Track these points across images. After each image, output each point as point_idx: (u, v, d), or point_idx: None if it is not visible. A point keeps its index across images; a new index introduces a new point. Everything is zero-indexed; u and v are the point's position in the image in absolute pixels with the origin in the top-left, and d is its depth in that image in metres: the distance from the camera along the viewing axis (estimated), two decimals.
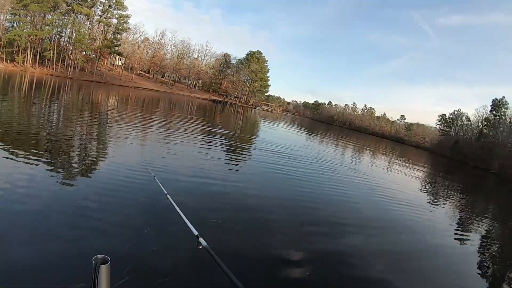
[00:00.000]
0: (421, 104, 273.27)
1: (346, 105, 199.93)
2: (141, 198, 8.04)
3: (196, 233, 2.80)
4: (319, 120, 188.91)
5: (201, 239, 2.67)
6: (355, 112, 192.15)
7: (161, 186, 4.86)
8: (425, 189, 22.32)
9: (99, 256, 1.75)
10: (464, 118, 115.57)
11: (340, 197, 13.06)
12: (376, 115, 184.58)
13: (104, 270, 1.73)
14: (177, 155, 14.55)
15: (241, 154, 19.10)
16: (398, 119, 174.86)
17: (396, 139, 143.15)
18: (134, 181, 9.22)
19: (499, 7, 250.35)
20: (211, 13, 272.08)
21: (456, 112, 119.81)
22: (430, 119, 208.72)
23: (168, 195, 4.23)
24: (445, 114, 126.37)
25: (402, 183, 21.38)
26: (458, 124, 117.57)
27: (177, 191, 9.23)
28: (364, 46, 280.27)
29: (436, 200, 18.24)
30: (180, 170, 11.73)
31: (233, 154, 18.32)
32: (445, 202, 18.18)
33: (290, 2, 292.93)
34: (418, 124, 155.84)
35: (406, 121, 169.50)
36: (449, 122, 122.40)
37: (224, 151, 18.73)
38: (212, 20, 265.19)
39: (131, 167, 10.55)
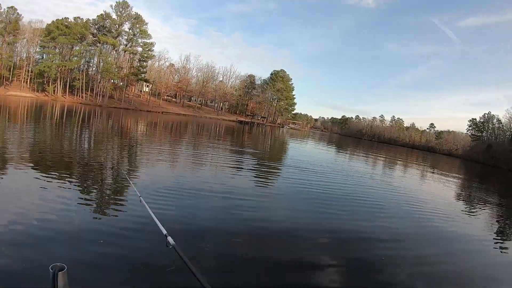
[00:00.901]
0: (450, 111, 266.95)
1: (374, 117, 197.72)
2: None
3: (164, 232, 2.84)
4: (348, 135, 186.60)
5: (169, 238, 2.69)
6: (383, 124, 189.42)
7: (136, 190, 4.94)
8: (459, 198, 21.04)
9: (58, 264, 1.83)
10: (495, 120, 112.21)
11: (372, 209, 12.43)
12: (405, 125, 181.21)
13: (61, 277, 1.78)
14: (206, 175, 14.47)
15: (270, 172, 18.65)
16: (427, 128, 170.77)
17: (427, 149, 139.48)
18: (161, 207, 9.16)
19: None
20: (233, 36, 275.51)
21: (486, 115, 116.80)
22: (460, 125, 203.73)
23: (141, 197, 4.24)
24: (475, 119, 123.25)
25: (435, 193, 20.23)
26: (490, 128, 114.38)
27: (206, 209, 9.20)
28: (386, 56, 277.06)
29: (472, 209, 17.31)
30: (209, 189, 11.64)
31: (261, 172, 17.83)
32: (481, 210, 17.19)
33: (309, 18, 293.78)
34: (448, 131, 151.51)
35: (436, 129, 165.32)
36: (480, 126, 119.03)
37: (252, 169, 18.30)
38: (234, 43, 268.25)
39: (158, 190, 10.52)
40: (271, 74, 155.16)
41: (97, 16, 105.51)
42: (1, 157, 12.99)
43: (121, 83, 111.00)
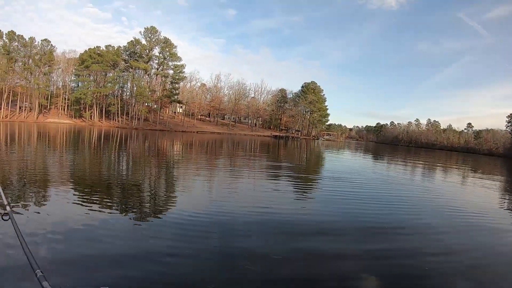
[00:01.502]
0: (488, 107, 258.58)
1: (409, 122, 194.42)
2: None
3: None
4: (384, 142, 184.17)
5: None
6: (419, 129, 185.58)
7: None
8: (505, 201, 19.85)
9: None
10: None
11: (413, 218, 11.97)
12: (441, 128, 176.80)
13: None
14: (244, 191, 14.23)
15: (308, 184, 18.45)
16: (465, 128, 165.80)
17: (466, 150, 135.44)
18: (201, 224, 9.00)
19: None
20: (261, 52, 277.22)
21: None
22: (499, 123, 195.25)
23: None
24: None
25: (481, 199, 19.21)
26: None
27: (244, 226, 8.97)
28: (416, 57, 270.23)
29: None
30: (247, 205, 11.41)
31: (299, 184, 17.56)
32: None
33: (334, 28, 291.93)
34: (487, 130, 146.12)
35: (474, 128, 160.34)
36: None
37: (290, 182, 18.00)
38: (263, 58, 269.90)
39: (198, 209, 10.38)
40: (302, 86, 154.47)
41: (128, 43, 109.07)
42: (43, 180, 13.27)
43: (155, 106, 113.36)
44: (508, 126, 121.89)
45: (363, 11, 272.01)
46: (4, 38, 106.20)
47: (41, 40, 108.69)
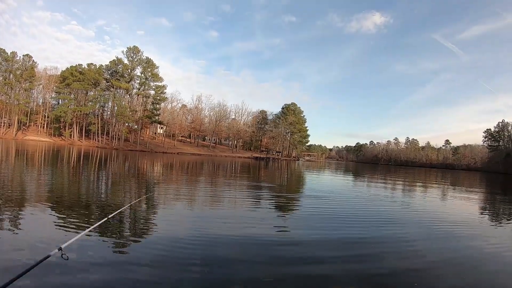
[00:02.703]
0: (465, 124, 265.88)
1: (388, 141, 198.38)
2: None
3: None
4: (364, 161, 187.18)
5: None
6: (398, 147, 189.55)
7: None
8: (485, 213, 20.64)
9: None
10: (510, 128, 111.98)
11: (394, 235, 12.20)
12: (420, 145, 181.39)
13: None
14: (225, 212, 14.35)
15: (289, 203, 18.68)
16: (443, 145, 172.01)
17: (445, 166, 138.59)
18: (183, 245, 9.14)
19: None
20: (242, 74, 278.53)
21: (500, 123, 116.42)
22: (476, 138, 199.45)
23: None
24: (490, 129, 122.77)
25: (459, 210, 19.87)
26: (506, 136, 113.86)
27: (227, 249, 9.11)
28: (393, 78, 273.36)
29: (499, 223, 16.92)
30: (230, 226, 11.54)
31: (281, 204, 17.87)
32: (510, 223, 16.89)
33: (314, 50, 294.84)
34: (464, 146, 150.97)
35: (451, 145, 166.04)
36: (496, 136, 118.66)
37: (271, 202, 18.24)
38: (244, 80, 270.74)
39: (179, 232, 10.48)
40: (282, 108, 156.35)
41: (110, 61, 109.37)
42: (19, 199, 13.21)
43: (136, 126, 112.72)
44: (485, 141, 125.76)
45: (342, 34, 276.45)
46: None
47: (23, 55, 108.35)
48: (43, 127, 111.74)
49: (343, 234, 11.14)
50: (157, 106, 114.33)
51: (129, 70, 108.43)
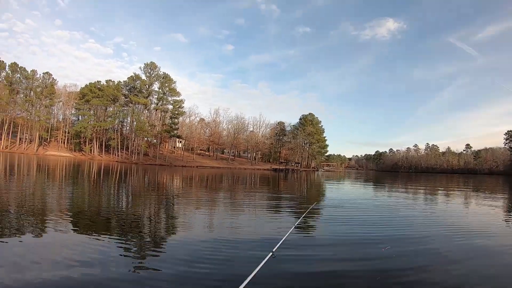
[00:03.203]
0: (485, 128, 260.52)
1: (408, 148, 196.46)
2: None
3: None
4: (384, 170, 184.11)
5: None
6: (418, 154, 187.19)
7: None
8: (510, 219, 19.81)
9: None
10: None
11: (420, 244, 11.75)
12: (440, 151, 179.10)
13: None
14: (245, 223, 14.19)
15: (310, 214, 18.49)
16: (464, 150, 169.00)
17: (467, 171, 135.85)
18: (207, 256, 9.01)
19: None
20: (259, 87, 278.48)
21: None
22: (498, 141, 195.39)
23: None
24: (511, 131, 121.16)
25: (483, 217, 19.35)
26: None
27: (247, 258, 8.90)
28: (411, 84, 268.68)
29: None
30: (249, 237, 11.32)
31: (301, 214, 17.64)
32: None
33: (329, 60, 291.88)
34: (486, 149, 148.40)
35: (473, 149, 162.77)
36: None
37: (292, 213, 18.11)
38: (261, 92, 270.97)
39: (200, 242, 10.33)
40: (300, 118, 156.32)
41: (128, 78, 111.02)
42: (41, 212, 13.32)
43: (155, 141, 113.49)
44: (506, 143, 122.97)
45: (357, 42, 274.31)
46: (6, 70, 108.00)
47: (43, 73, 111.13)
48: (64, 142, 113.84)
49: (363, 248, 10.84)
50: (175, 120, 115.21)
51: (147, 86, 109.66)
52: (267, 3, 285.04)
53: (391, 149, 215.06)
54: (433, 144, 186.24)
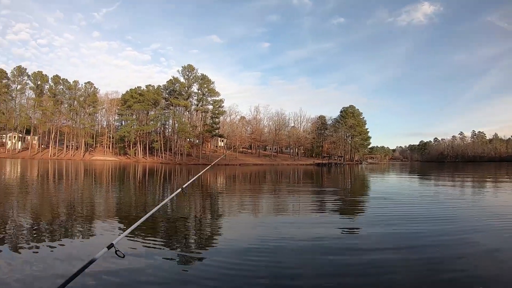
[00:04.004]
0: None
1: (454, 136, 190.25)
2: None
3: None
4: (429, 160, 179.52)
5: None
6: (464, 142, 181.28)
7: None
8: None
9: None
10: None
11: (467, 238, 10.99)
12: (487, 138, 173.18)
13: None
14: (290, 219, 13.88)
15: (355, 207, 18.03)
16: None
17: None
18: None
19: None
20: (297, 82, 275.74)
21: None
22: None
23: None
24: None
25: None
26: None
27: (292, 255, 8.61)
28: (452, 69, 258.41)
29: None
30: (294, 233, 11.01)
31: (347, 208, 17.16)
32: None
33: (366, 50, 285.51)
34: None
35: None
36: None
37: (337, 207, 17.65)
38: (300, 87, 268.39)
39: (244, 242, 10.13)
40: (341, 111, 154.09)
41: (167, 81, 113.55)
42: (90, 214, 13.81)
43: (197, 141, 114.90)
44: None
45: (394, 29, 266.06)
46: (50, 82, 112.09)
47: (85, 83, 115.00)
48: (109, 147, 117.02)
49: (412, 241, 10.30)
50: (216, 120, 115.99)
51: (186, 88, 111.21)
52: None
53: (436, 138, 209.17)
54: (479, 131, 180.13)
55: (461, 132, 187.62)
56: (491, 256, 8.51)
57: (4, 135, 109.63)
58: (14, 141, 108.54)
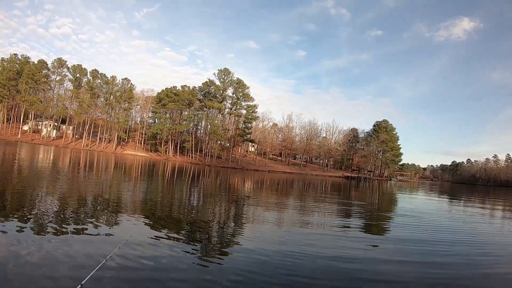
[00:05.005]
0: None
1: (487, 159, 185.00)
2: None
3: None
4: (460, 181, 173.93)
5: None
6: (498, 166, 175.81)
7: None
8: None
9: None
10: None
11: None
12: None
13: None
14: (314, 231, 13.69)
15: (381, 225, 17.65)
16: None
17: None
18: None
19: None
20: (331, 92, 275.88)
21: None
22: None
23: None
24: None
25: None
26: None
27: (312, 269, 8.48)
28: (490, 87, 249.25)
29: None
30: (315, 246, 10.82)
31: (370, 228, 16.69)
32: None
33: (403, 64, 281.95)
34: None
35: None
36: None
37: (361, 224, 17.25)
38: (333, 98, 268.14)
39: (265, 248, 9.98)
40: (374, 125, 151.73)
41: (202, 83, 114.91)
42: (115, 207, 14.28)
43: (228, 144, 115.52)
44: None
45: (431, 44, 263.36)
46: (88, 76, 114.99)
47: (122, 79, 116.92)
48: (140, 143, 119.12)
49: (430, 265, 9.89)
50: (249, 125, 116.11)
51: (221, 91, 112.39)
52: (337, 7, 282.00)
53: (468, 159, 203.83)
54: None
55: (495, 155, 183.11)
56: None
57: (40, 123, 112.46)
58: (49, 129, 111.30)
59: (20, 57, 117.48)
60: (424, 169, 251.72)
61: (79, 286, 4.62)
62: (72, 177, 25.30)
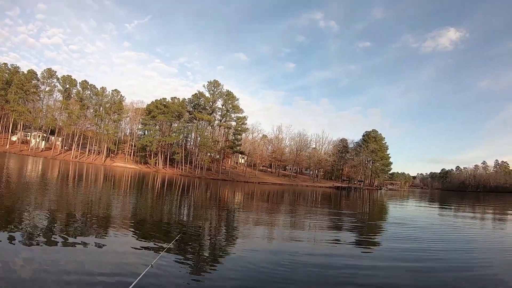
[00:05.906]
0: None
1: (476, 165, 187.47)
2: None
3: None
4: (450, 189, 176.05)
5: None
6: (487, 172, 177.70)
7: None
8: None
9: None
10: None
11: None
12: (510, 168, 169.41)
13: None
14: (304, 243, 13.85)
15: (372, 233, 17.91)
16: None
17: None
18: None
19: None
20: (321, 103, 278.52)
21: None
22: None
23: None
24: None
25: None
26: None
27: (305, 278, 8.70)
28: (477, 95, 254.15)
29: None
30: (308, 256, 11.03)
31: (360, 239, 16.86)
32: None
33: (391, 74, 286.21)
34: None
35: None
36: None
37: (352, 233, 17.50)
38: (323, 109, 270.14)
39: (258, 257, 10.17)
40: (363, 135, 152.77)
41: (192, 95, 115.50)
42: (104, 219, 14.50)
43: (218, 156, 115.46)
44: None
45: (419, 54, 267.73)
46: (78, 87, 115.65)
47: (112, 90, 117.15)
48: (130, 155, 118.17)
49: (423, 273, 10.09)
50: (238, 136, 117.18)
51: (210, 103, 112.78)
52: (325, 19, 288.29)
53: (457, 166, 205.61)
54: (502, 161, 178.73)
55: (484, 161, 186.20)
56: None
57: (29, 134, 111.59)
58: (38, 140, 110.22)
59: (10, 67, 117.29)
60: (414, 177, 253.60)
61: None
62: (61, 189, 25.58)
